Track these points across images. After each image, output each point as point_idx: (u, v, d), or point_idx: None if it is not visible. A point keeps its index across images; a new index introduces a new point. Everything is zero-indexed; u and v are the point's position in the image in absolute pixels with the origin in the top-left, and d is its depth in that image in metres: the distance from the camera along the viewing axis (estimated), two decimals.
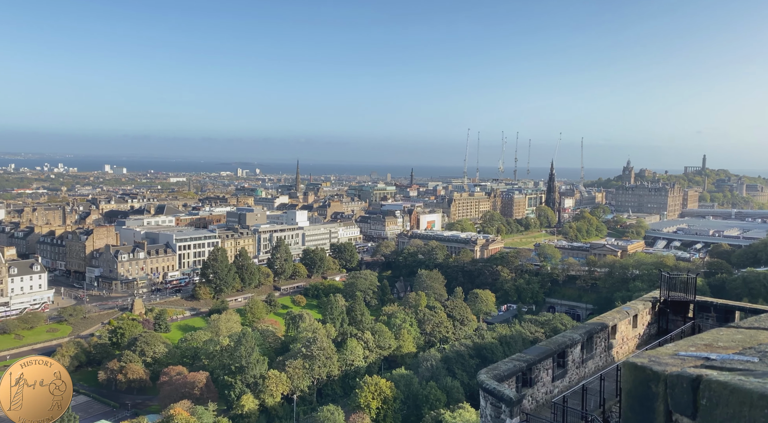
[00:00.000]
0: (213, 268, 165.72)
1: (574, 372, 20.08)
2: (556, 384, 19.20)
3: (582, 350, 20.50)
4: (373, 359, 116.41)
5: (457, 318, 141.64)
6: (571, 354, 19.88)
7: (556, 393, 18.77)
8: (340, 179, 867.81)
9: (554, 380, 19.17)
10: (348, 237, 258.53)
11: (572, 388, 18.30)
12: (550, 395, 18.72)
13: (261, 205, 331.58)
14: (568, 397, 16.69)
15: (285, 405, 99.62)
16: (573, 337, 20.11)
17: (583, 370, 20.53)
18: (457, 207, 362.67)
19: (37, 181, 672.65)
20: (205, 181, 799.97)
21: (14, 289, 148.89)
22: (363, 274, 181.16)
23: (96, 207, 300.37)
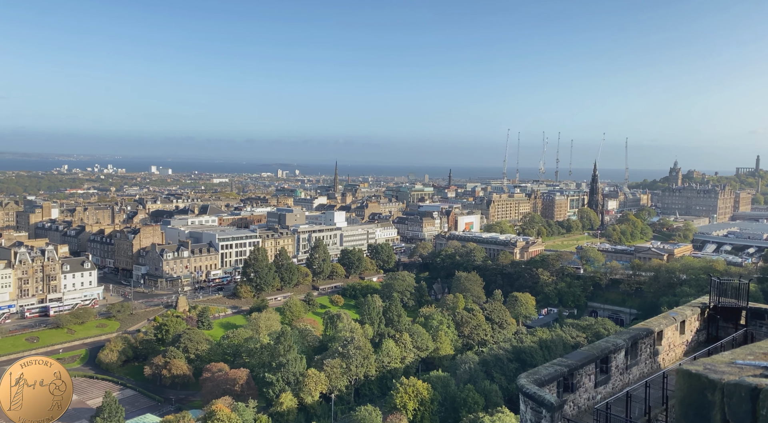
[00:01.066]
0: (254, 267, 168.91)
1: (617, 378, 19.55)
2: (598, 390, 18.74)
3: (626, 356, 19.94)
4: (410, 360, 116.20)
5: (496, 321, 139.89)
6: (614, 360, 19.37)
7: (599, 399, 18.32)
8: (378, 180, 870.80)
9: (597, 386, 18.71)
10: (385, 238, 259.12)
11: (616, 395, 17.82)
12: (593, 401, 18.28)
13: (300, 205, 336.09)
14: (611, 403, 16.27)
15: (323, 404, 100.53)
16: (616, 342, 19.59)
17: (627, 377, 19.97)
18: (496, 208, 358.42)
19: (88, 181, 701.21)
20: (246, 181, 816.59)
21: (66, 285, 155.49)
22: (400, 275, 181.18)
23: (143, 207, 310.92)
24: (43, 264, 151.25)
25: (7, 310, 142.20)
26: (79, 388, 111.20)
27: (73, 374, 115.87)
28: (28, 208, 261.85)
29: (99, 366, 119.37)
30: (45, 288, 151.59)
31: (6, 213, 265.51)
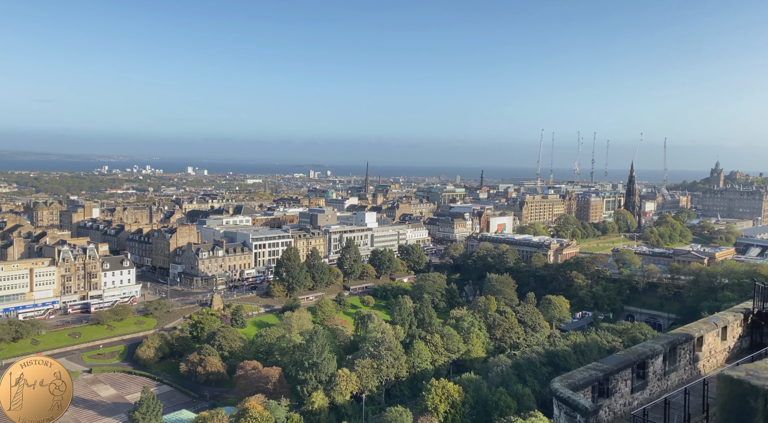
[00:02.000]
0: (286, 266, 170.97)
1: (655, 384, 19.09)
2: (635, 396, 18.33)
3: (664, 362, 19.44)
4: (441, 362, 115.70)
5: (529, 324, 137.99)
6: (652, 365, 18.91)
7: (636, 405, 17.93)
8: (409, 181, 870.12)
9: (633, 392, 18.31)
10: (416, 239, 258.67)
11: (653, 401, 17.41)
12: (629, 407, 17.90)
13: (331, 206, 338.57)
14: (648, 410, 15.92)
15: (354, 404, 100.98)
16: (654, 347, 19.12)
17: (666, 383, 19.47)
18: (530, 210, 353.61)
19: (127, 181, 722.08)
20: (279, 182, 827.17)
21: (106, 283, 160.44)
22: (431, 276, 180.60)
23: (179, 207, 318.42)
24: (84, 262, 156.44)
25: (51, 306, 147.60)
26: (118, 383, 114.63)
27: (111, 369, 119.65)
28: (71, 207, 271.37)
29: (137, 362, 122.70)
30: (86, 285, 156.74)
31: (51, 212, 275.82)
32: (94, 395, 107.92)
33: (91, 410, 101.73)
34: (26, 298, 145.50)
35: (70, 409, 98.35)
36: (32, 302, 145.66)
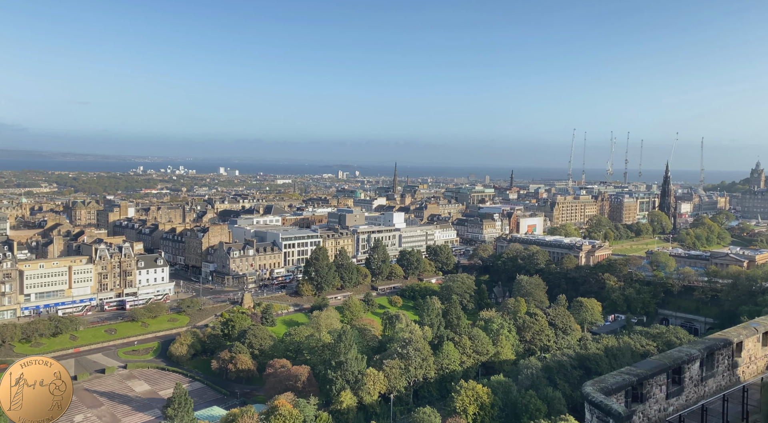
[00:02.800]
0: (315, 266, 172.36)
1: (691, 390, 18.59)
2: (670, 402, 17.89)
3: (701, 367, 18.92)
4: (469, 364, 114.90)
5: (559, 326, 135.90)
6: (688, 370, 18.42)
7: (671, 411, 17.50)
8: (437, 181, 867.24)
9: (668, 397, 17.87)
10: (444, 239, 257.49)
11: (689, 408, 16.97)
12: (664, 413, 17.48)
13: (359, 206, 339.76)
14: (684, 416, 15.52)
15: (382, 404, 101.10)
16: (690, 352, 18.62)
17: (703, 389, 18.94)
18: (561, 211, 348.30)
19: (161, 182, 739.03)
20: (308, 182, 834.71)
21: (141, 280, 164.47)
22: (459, 277, 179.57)
23: (211, 206, 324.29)
24: (120, 260, 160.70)
25: (89, 302, 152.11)
26: (151, 378, 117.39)
27: (146, 365, 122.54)
28: (107, 207, 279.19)
29: (170, 358, 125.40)
30: (122, 283, 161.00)
31: (88, 211, 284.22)
32: (129, 390, 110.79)
33: (126, 405, 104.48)
34: (65, 295, 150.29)
35: (106, 403, 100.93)
36: (71, 299, 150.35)
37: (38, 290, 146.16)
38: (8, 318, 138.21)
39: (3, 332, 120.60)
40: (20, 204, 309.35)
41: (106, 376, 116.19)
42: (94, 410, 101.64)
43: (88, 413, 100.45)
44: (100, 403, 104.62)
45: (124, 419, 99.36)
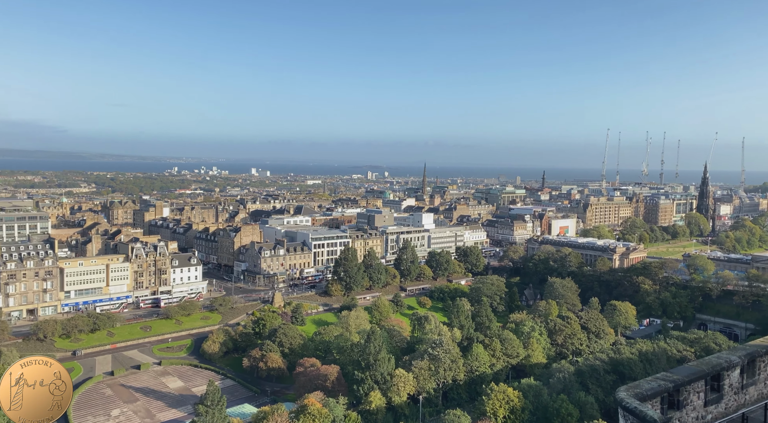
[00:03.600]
0: (344, 266, 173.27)
1: (731, 398, 18.01)
2: (709, 410, 17.37)
3: (742, 374, 18.31)
4: (499, 367, 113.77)
5: (592, 330, 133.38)
6: (727, 378, 17.85)
7: (710, 420, 17.00)
8: (467, 182, 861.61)
9: (707, 405, 17.36)
10: (474, 241, 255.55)
11: (729, 416, 16.45)
12: (702, 421, 17.00)
13: (388, 207, 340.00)
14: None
15: (411, 405, 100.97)
16: (730, 358, 18.04)
17: (743, 397, 18.33)
18: (594, 212, 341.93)
19: (195, 182, 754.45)
20: (338, 183, 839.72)
21: (175, 279, 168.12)
22: (489, 279, 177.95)
23: (243, 207, 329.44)
24: (155, 259, 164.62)
25: (125, 300, 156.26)
26: (185, 375, 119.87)
27: (179, 362, 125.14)
28: (143, 206, 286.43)
29: (202, 356, 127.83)
30: (157, 281, 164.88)
31: (125, 211, 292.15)
32: (163, 387, 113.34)
33: (160, 401, 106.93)
34: (103, 293, 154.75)
35: (142, 398, 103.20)
36: (108, 296, 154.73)
37: (77, 287, 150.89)
38: (50, 314, 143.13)
39: (45, 328, 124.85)
40: (61, 204, 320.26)
41: (142, 372, 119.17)
42: (130, 405, 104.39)
43: (124, 408, 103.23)
44: (135, 398, 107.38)
45: (158, 414, 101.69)
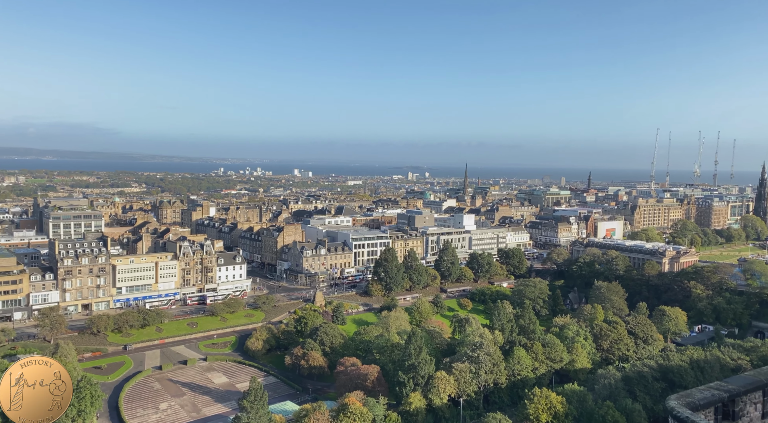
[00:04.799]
0: (384, 267, 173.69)
1: None
2: (766, 422, 16.56)
3: None
4: (542, 371, 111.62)
5: (640, 336, 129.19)
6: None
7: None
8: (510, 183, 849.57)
9: (764, 417, 16.56)
10: (516, 242, 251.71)
11: None
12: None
13: (429, 207, 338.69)
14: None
15: (451, 407, 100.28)
16: None
17: None
18: (642, 214, 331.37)
19: (240, 182, 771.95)
20: (378, 184, 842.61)
21: (221, 277, 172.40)
22: (532, 281, 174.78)
23: (286, 207, 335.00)
24: (202, 257, 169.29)
25: (173, 297, 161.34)
26: (229, 371, 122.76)
27: (224, 358, 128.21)
28: (191, 206, 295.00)
29: (246, 352, 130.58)
30: (203, 279, 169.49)
31: (173, 210, 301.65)
32: (209, 382, 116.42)
33: (206, 396, 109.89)
34: (152, 289, 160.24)
35: (188, 393, 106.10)
36: (157, 293, 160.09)
37: (128, 284, 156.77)
38: (102, 309, 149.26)
39: (98, 322, 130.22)
40: (113, 203, 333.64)
41: (188, 368, 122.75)
42: (177, 399, 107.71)
43: (171, 402, 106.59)
44: (182, 392, 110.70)
45: (204, 409, 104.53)
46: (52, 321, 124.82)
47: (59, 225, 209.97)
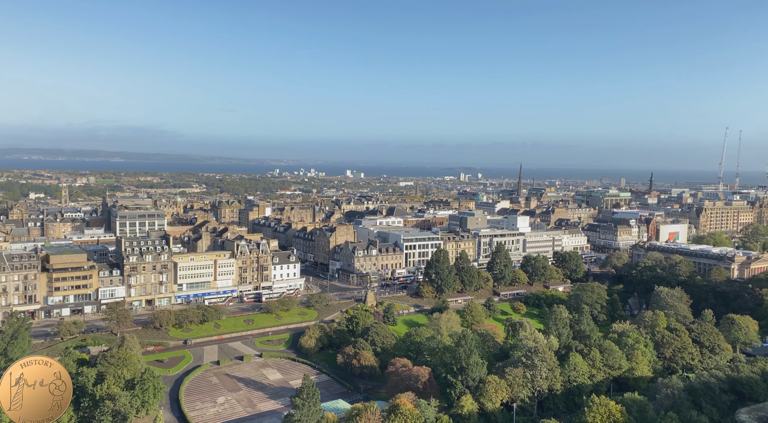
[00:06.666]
0: (435, 268, 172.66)
1: None
2: None
3: None
4: (600, 378, 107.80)
5: (706, 345, 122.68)
6: None
7: None
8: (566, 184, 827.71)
9: None
10: (573, 245, 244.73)
11: None
12: None
13: (482, 209, 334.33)
14: None
15: (504, 412, 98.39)
16: None
17: None
18: (708, 217, 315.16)
19: (294, 183, 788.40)
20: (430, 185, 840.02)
21: (275, 275, 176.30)
22: (590, 286, 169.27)
23: (338, 207, 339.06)
24: (258, 256, 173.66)
25: (230, 294, 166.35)
26: (283, 368, 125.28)
27: (278, 355, 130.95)
28: (248, 206, 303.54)
29: (299, 350, 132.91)
30: (259, 277, 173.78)
31: (231, 210, 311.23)
32: (264, 378, 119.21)
33: (260, 392, 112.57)
34: (211, 286, 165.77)
35: (244, 388, 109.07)
36: (215, 290, 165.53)
37: (189, 281, 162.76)
38: (164, 305, 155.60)
39: (161, 317, 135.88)
40: (176, 203, 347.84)
41: (244, 363, 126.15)
42: (233, 394, 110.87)
43: (228, 396, 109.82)
44: (238, 387, 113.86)
45: (259, 405, 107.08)
46: (119, 315, 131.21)
47: (125, 223, 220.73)
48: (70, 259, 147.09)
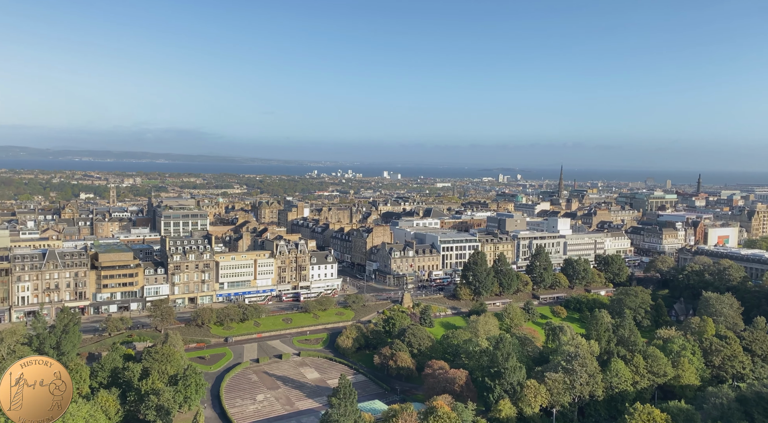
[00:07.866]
0: (473, 270, 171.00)
1: None
2: None
3: None
4: (643, 385, 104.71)
5: (758, 353, 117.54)
6: None
7: None
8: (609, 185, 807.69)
9: None
10: (616, 249, 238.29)
11: None
12: None
13: (521, 211, 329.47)
14: None
15: (543, 417, 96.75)
16: None
17: None
18: (761, 221, 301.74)
19: (332, 185, 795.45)
20: (467, 186, 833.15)
21: (313, 275, 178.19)
22: (633, 290, 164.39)
23: (375, 208, 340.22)
24: (296, 256, 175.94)
25: (269, 293, 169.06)
26: (320, 367, 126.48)
27: (316, 355, 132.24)
28: (287, 207, 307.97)
29: (336, 350, 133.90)
30: (297, 276, 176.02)
31: (271, 211, 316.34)
32: (302, 377, 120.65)
33: (298, 390, 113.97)
34: (251, 285, 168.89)
35: (282, 386, 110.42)
36: (255, 289, 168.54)
37: (230, 280, 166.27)
38: (206, 303, 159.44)
39: (203, 315, 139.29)
40: (217, 203, 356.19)
41: (283, 362, 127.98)
42: (272, 392, 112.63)
43: (267, 394, 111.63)
44: (277, 385, 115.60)
45: (297, 403, 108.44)
46: (163, 312, 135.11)
47: (170, 223, 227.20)
48: (117, 257, 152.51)
